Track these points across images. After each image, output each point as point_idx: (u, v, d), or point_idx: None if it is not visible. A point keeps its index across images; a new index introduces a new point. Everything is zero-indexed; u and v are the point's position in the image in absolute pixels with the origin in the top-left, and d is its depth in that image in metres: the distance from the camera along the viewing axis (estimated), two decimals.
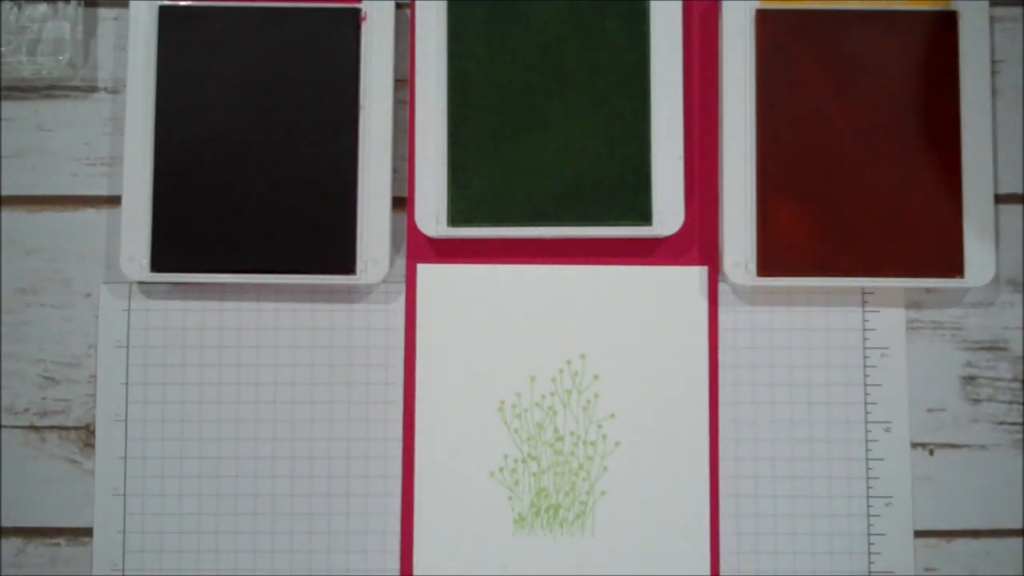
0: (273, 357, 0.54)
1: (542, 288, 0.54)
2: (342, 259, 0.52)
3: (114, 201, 0.54)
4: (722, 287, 0.54)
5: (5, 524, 0.53)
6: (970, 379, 0.54)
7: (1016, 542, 0.54)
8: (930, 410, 0.54)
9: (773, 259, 0.53)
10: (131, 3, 0.54)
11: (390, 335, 0.54)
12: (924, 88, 0.53)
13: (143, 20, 0.54)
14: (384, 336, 0.54)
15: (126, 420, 0.53)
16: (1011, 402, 0.54)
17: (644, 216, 0.53)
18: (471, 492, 0.53)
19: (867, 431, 0.54)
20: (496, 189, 0.53)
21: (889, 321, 0.54)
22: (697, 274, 0.54)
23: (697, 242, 0.54)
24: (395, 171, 0.54)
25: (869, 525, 0.53)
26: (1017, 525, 0.54)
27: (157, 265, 0.52)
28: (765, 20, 0.53)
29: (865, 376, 0.54)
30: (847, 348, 0.54)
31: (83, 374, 0.54)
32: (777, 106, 0.53)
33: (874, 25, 0.53)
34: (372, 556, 0.53)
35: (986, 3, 0.54)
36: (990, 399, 0.54)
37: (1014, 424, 0.54)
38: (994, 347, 0.54)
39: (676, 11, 0.54)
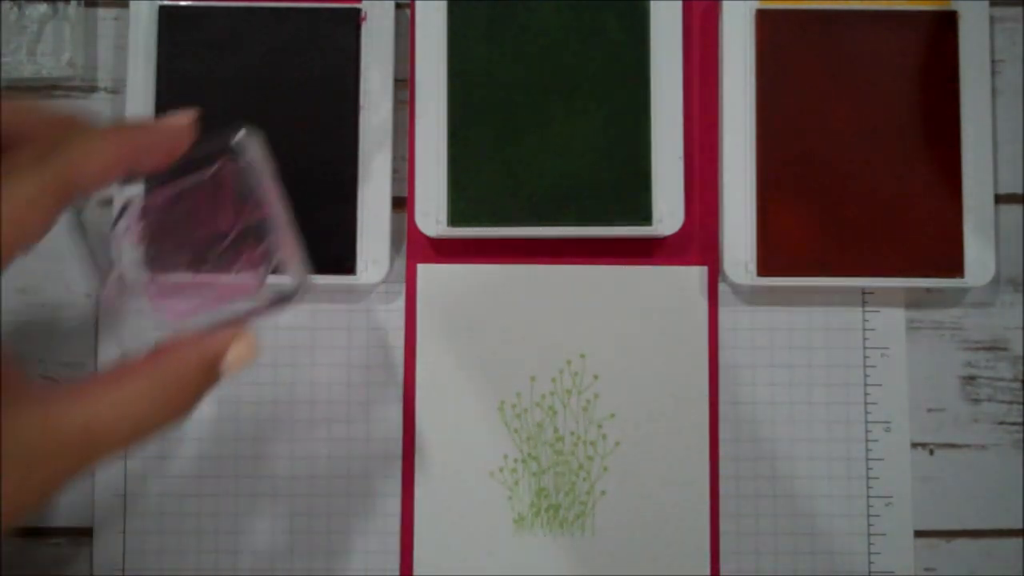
0: (273, 357, 0.54)
1: (542, 288, 0.54)
2: (342, 259, 0.52)
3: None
4: (722, 287, 0.54)
5: None
6: (970, 379, 0.54)
7: (1016, 542, 0.54)
8: (930, 410, 0.54)
9: (773, 259, 0.53)
10: (131, 3, 0.54)
11: (390, 335, 0.54)
12: (924, 88, 0.53)
13: (143, 20, 0.54)
14: (384, 336, 0.54)
15: None
16: (1011, 402, 0.54)
17: (644, 216, 0.53)
18: (471, 492, 0.53)
19: (867, 431, 0.54)
20: (496, 189, 0.53)
21: (889, 321, 0.54)
22: (697, 274, 0.54)
23: (697, 242, 0.54)
24: (395, 171, 0.54)
25: (869, 525, 0.53)
26: (1017, 525, 0.54)
27: None
28: (765, 20, 0.53)
29: (865, 376, 0.54)
30: (847, 348, 0.54)
31: (83, 374, 0.54)
32: (777, 106, 0.53)
33: (874, 25, 0.53)
34: (372, 556, 0.53)
35: (986, 3, 0.54)
36: (990, 399, 0.54)
37: (1014, 424, 0.54)
38: (994, 347, 0.54)
39: (676, 11, 0.54)
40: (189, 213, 0.41)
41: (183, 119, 0.39)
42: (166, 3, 0.53)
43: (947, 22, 0.53)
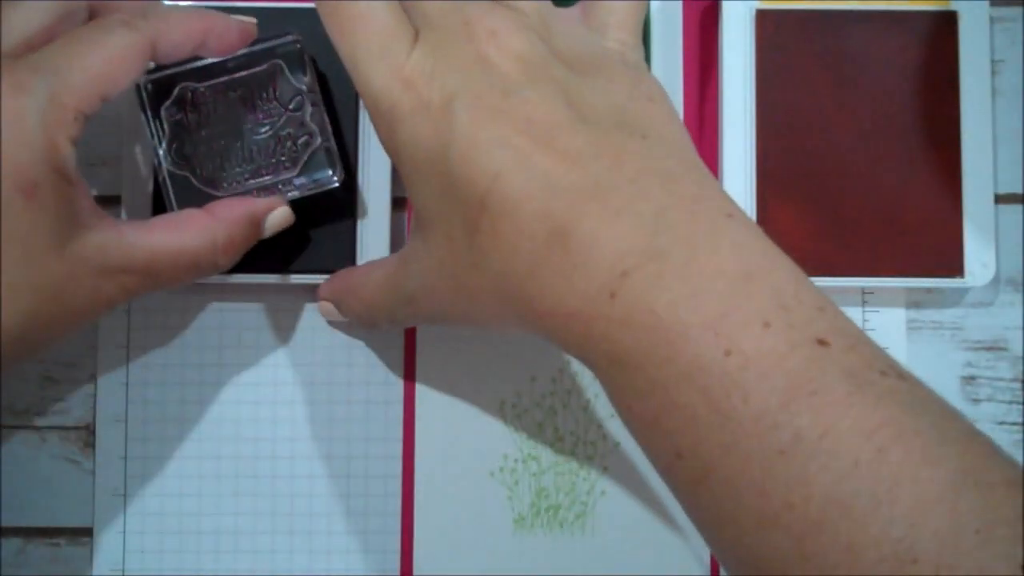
0: (273, 357, 0.53)
1: None
2: (343, 259, 0.52)
3: (114, 201, 0.54)
4: None
5: (5, 524, 0.53)
6: (970, 379, 0.54)
7: None
8: None
9: None
10: None
11: (390, 335, 0.54)
12: (924, 88, 0.53)
13: None
14: (384, 336, 0.54)
15: (126, 420, 0.53)
16: (1011, 402, 0.54)
17: None
18: (471, 492, 0.53)
19: None
20: None
21: (889, 321, 0.54)
22: None
23: None
24: (395, 171, 0.54)
25: None
26: None
27: None
28: (765, 20, 0.53)
29: None
30: None
31: (83, 374, 0.54)
32: (777, 106, 0.53)
33: (874, 25, 0.53)
34: (372, 556, 0.53)
35: (986, 3, 0.54)
36: (990, 399, 0.54)
37: (1014, 424, 0.54)
38: (994, 347, 0.54)
39: (676, 11, 0.54)
40: (237, 102, 0.48)
41: (250, 18, 0.46)
42: (167, 3, 0.53)
43: (947, 22, 0.53)
